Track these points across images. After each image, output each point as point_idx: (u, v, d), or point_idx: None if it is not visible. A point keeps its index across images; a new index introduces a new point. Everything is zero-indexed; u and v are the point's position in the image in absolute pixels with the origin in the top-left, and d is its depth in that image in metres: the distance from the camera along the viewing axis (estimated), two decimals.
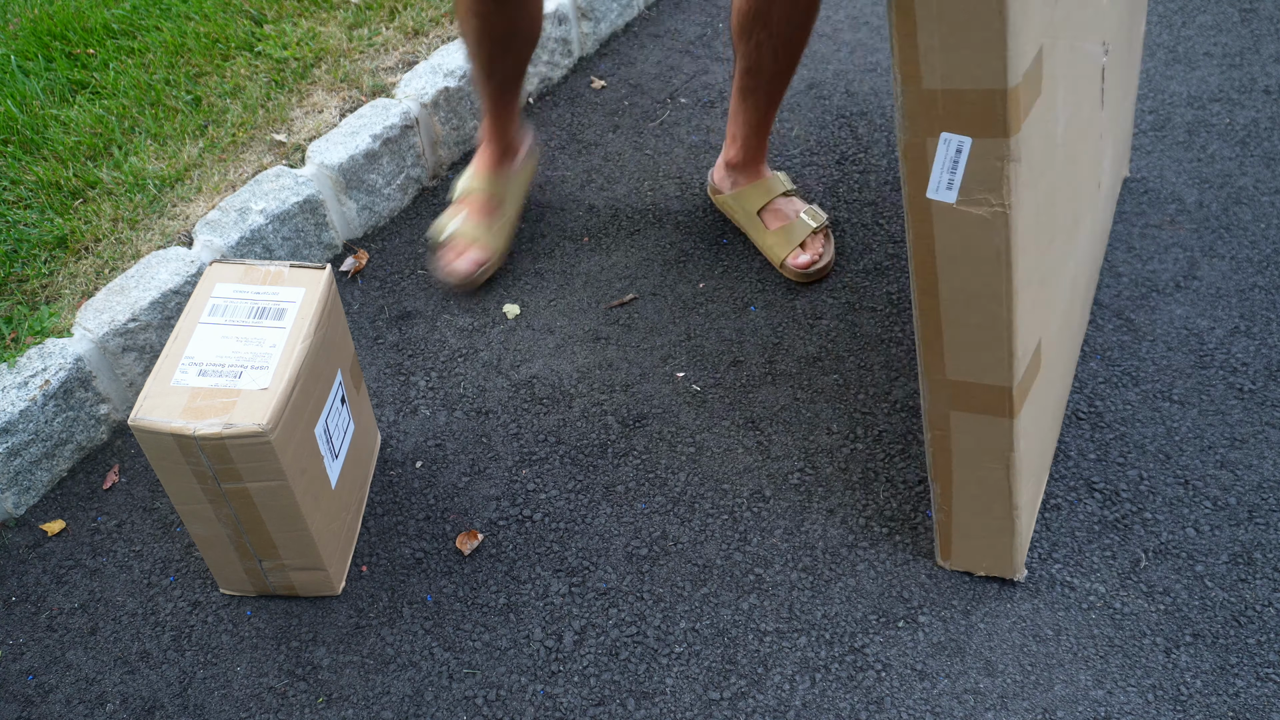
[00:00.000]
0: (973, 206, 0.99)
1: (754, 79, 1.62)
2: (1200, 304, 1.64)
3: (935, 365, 1.14)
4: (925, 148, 0.98)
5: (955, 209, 1.00)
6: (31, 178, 1.70)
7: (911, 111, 0.97)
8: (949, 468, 1.23)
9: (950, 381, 1.14)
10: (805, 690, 1.24)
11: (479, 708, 1.24)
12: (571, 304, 1.70)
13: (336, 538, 1.33)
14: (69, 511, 1.45)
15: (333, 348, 1.28)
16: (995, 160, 0.95)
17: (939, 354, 1.13)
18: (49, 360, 1.44)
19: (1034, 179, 1.01)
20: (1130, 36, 1.46)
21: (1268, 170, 1.85)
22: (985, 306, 1.06)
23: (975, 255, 1.02)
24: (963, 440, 1.19)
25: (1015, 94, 0.92)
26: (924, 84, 0.95)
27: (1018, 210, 0.99)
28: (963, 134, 0.95)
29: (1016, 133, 0.94)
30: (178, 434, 1.12)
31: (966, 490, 1.23)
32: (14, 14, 2.05)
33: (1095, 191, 1.30)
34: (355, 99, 1.88)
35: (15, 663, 1.30)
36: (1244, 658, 1.24)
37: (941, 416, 1.18)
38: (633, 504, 1.43)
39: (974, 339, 1.09)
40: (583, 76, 2.15)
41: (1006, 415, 1.13)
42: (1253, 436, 1.46)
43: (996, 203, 0.97)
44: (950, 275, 1.05)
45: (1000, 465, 1.18)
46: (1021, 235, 1.01)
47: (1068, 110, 1.09)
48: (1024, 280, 1.05)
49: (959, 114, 0.94)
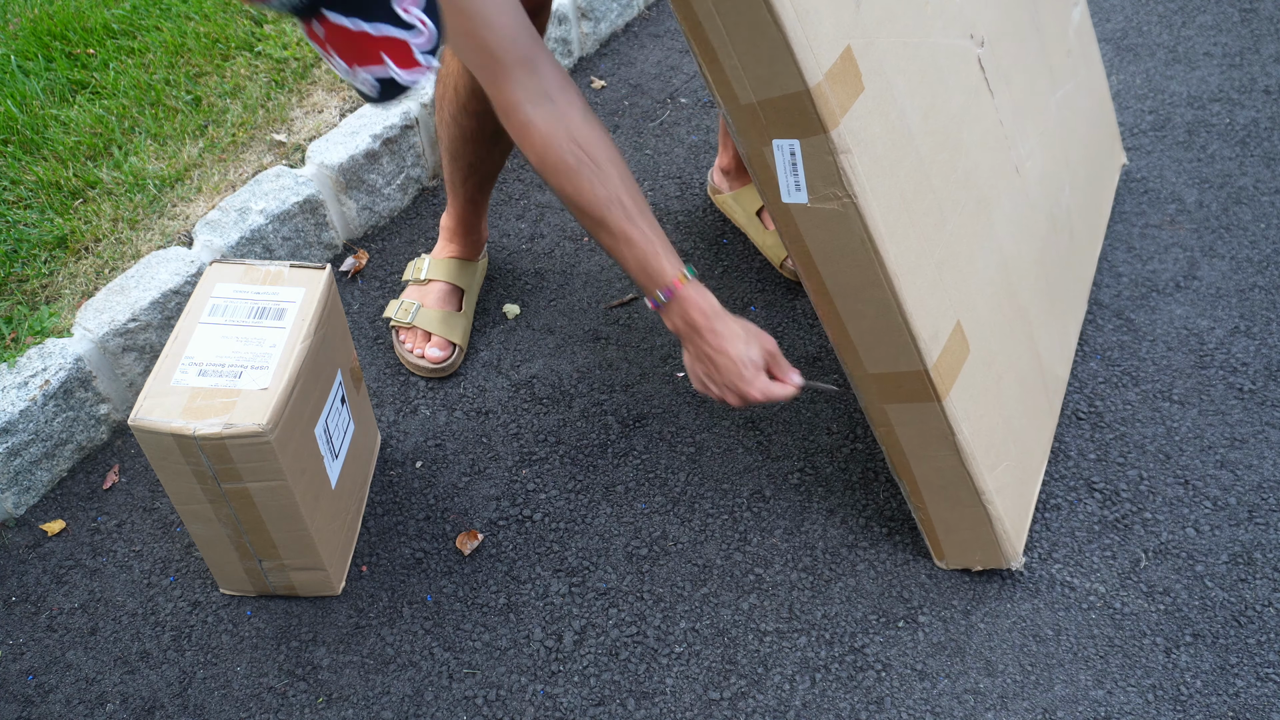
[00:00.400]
0: (824, 203, 1.05)
1: None
2: (1200, 304, 1.64)
3: (853, 361, 1.18)
4: (765, 157, 1.05)
5: (811, 208, 1.06)
6: (31, 178, 1.70)
7: (741, 127, 1.04)
8: (905, 462, 1.24)
9: (871, 375, 1.18)
10: (805, 690, 1.24)
11: (479, 708, 1.24)
12: (571, 304, 1.70)
13: (336, 538, 1.33)
14: (69, 511, 1.45)
15: (333, 348, 1.28)
16: (826, 155, 1.01)
17: (852, 350, 1.17)
18: (49, 360, 1.44)
19: (887, 168, 1.07)
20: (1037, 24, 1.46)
21: (1268, 170, 1.85)
22: (872, 295, 1.10)
23: (843, 248, 1.08)
24: (905, 431, 1.21)
25: (820, 91, 0.99)
26: (740, 100, 1.02)
27: (870, 198, 1.04)
28: (790, 137, 1.02)
29: (836, 127, 0.99)
30: (178, 434, 1.12)
31: (930, 482, 1.25)
32: (14, 14, 2.05)
33: (1013, 175, 1.33)
34: (355, 99, 1.88)
35: (15, 663, 1.30)
36: (1244, 658, 1.24)
37: (879, 411, 1.21)
38: (633, 504, 1.43)
39: (874, 328, 1.13)
40: (583, 76, 2.15)
41: (932, 399, 1.16)
42: (1253, 436, 1.46)
43: (843, 194, 1.03)
44: (831, 271, 1.11)
45: (948, 450, 1.20)
46: (885, 221, 1.06)
47: (921, 101, 1.14)
48: (908, 264, 1.09)
49: (779, 120, 1.01)
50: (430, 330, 1.58)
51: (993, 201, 1.28)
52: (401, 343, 1.61)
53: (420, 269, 1.64)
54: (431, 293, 1.62)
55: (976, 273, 1.23)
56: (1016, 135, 1.35)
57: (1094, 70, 1.69)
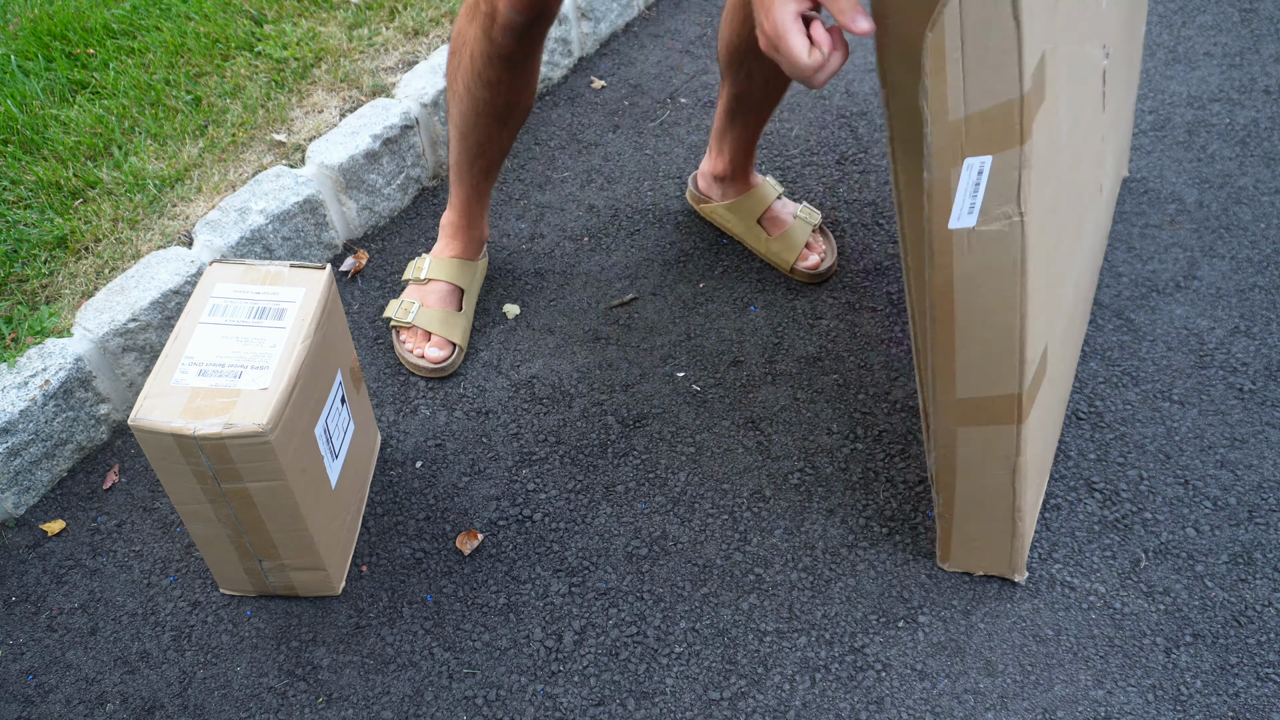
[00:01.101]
0: (991, 224, 1.01)
1: (743, 103, 1.59)
2: (1200, 304, 1.64)
3: (943, 388, 1.15)
4: (949, 180, 1.00)
5: (976, 232, 1.02)
6: (31, 178, 1.70)
7: (939, 147, 0.99)
8: (951, 479, 1.23)
9: (958, 400, 1.15)
10: (805, 690, 1.24)
11: (479, 708, 1.24)
12: (571, 304, 1.70)
13: (336, 538, 1.33)
14: (69, 511, 1.45)
15: (333, 348, 1.28)
16: (1012, 171, 0.97)
17: (948, 377, 1.14)
18: (49, 360, 1.44)
19: (1041, 184, 1.03)
20: (1130, 37, 1.46)
21: (1268, 170, 1.85)
22: (999, 319, 1.07)
23: (993, 271, 1.04)
24: (966, 451, 1.19)
25: (1028, 100, 0.94)
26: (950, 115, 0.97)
27: (1030, 216, 1.01)
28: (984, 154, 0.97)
29: (1029, 139, 0.96)
30: (178, 434, 1.12)
31: (969, 496, 1.24)
32: (14, 14, 2.05)
33: (1097, 194, 1.31)
34: (355, 99, 1.88)
35: (15, 663, 1.30)
36: (1244, 658, 1.24)
37: (949, 434, 1.19)
38: (633, 504, 1.43)
39: (985, 354, 1.10)
40: (583, 76, 2.15)
41: (1015, 421, 1.14)
42: (1253, 436, 1.46)
43: (1014, 213, 1.00)
44: (967, 298, 1.07)
45: (1006, 471, 1.19)
46: (1033, 240, 1.03)
47: (1070, 115, 1.10)
48: (1034, 286, 1.06)
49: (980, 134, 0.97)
50: (430, 330, 1.58)
51: (1084, 221, 1.26)
52: (402, 342, 1.61)
53: (420, 268, 1.63)
54: (431, 292, 1.62)
55: (1064, 295, 1.22)
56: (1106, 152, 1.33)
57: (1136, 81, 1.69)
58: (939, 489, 1.25)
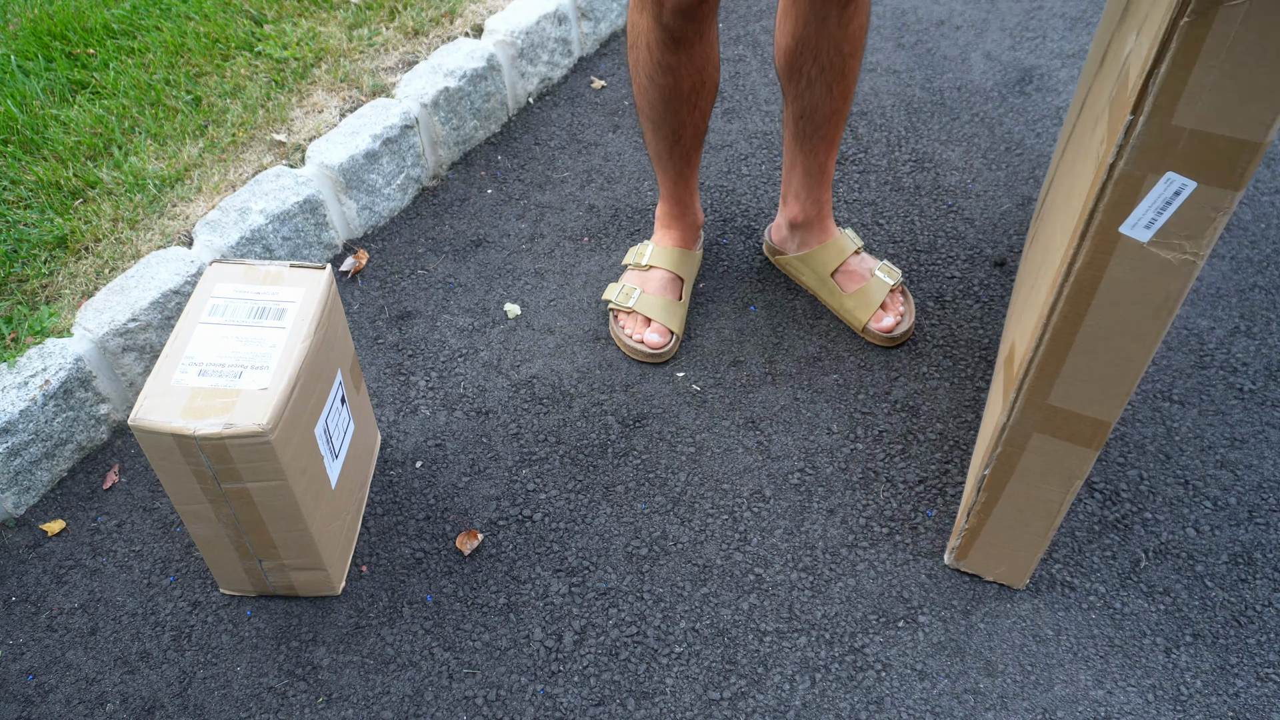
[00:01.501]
0: (1164, 250, 0.96)
1: (809, 123, 1.52)
2: (1200, 304, 1.64)
3: (1040, 389, 1.12)
4: (1142, 182, 0.94)
5: (1144, 248, 0.97)
6: (31, 178, 1.70)
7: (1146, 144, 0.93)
8: (1005, 481, 1.21)
9: (1049, 406, 1.12)
10: (805, 690, 1.24)
11: (479, 708, 1.24)
12: (571, 304, 1.70)
13: (336, 538, 1.33)
14: (69, 511, 1.45)
15: (333, 348, 1.28)
16: (1211, 210, 0.92)
17: (1049, 379, 1.11)
18: (49, 360, 1.44)
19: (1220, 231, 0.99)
20: None
21: (1268, 170, 1.85)
22: (1126, 346, 1.04)
23: (1145, 297, 1.00)
24: (1032, 461, 1.18)
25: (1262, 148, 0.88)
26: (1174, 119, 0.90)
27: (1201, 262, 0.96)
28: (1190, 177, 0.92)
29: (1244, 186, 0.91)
30: (178, 434, 1.12)
31: (1015, 503, 1.22)
32: (14, 14, 2.05)
33: None
34: (355, 99, 1.88)
35: (15, 663, 1.30)
36: (1244, 658, 1.24)
37: (1023, 436, 1.16)
38: (633, 504, 1.43)
39: (1098, 372, 1.07)
40: (583, 76, 2.15)
41: (1094, 446, 1.13)
42: (1253, 436, 1.46)
43: (1192, 251, 0.95)
44: (1105, 310, 1.03)
45: (1063, 489, 1.18)
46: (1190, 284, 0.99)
47: None
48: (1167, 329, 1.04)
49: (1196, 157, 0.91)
50: (651, 315, 1.59)
51: None
52: (620, 327, 1.62)
53: (643, 255, 1.65)
54: (653, 279, 1.63)
55: None
56: None
57: None
58: (987, 486, 1.23)
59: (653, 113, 1.49)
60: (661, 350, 1.58)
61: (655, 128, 1.51)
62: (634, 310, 1.60)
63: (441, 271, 1.77)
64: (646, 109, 1.49)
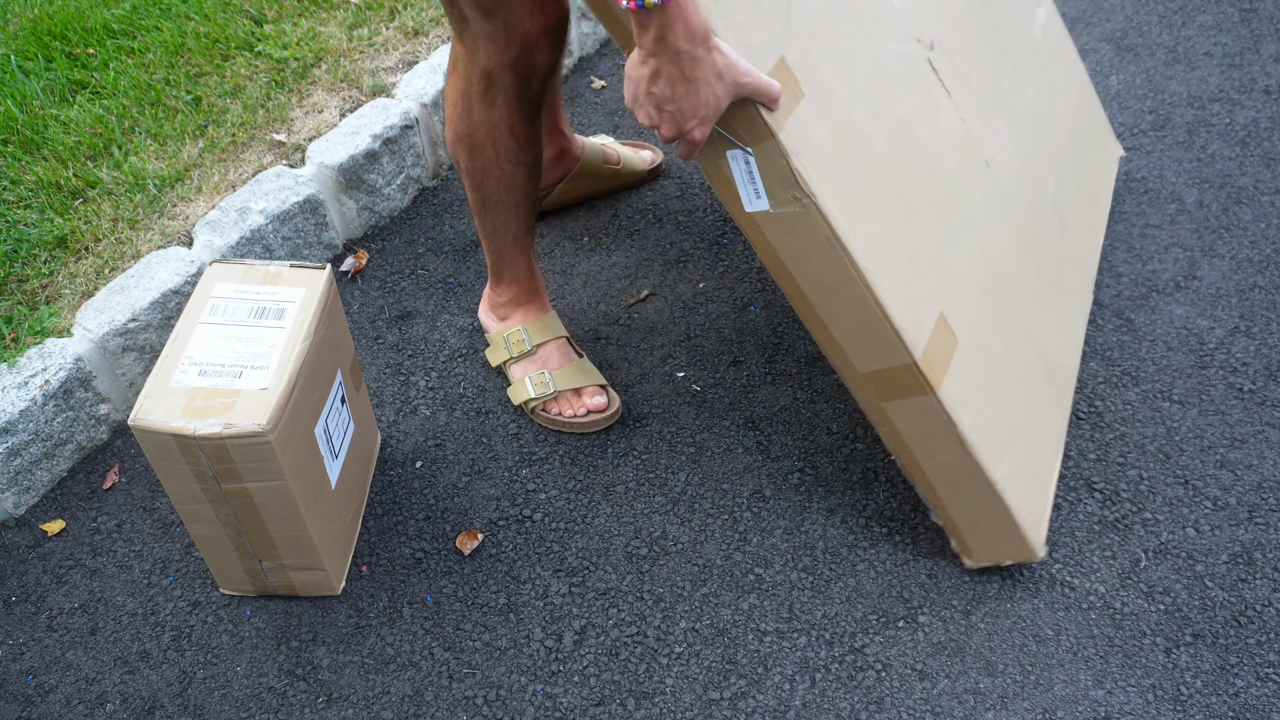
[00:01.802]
0: (785, 206, 1.09)
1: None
2: (1200, 304, 1.64)
3: (844, 364, 1.20)
4: (723, 170, 1.10)
5: (774, 214, 1.10)
6: (31, 178, 1.70)
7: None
8: (914, 460, 1.25)
9: (864, 375, 1.19)
10: (805, 690, 1.24)
11: (479, 708, 1.24)
12: (571, 304, 1.70)
13: (336, 538, 1.33)
14: (69, 511, 1.45)
15: (333, 348, 1.28)
16: (779, 159, 1.05)
17: (840, 351, 1.19)
18: (49, 360, 1.44)
19: (841, 168, 1.10)
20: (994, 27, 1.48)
21: (1268, 170, 1.85)
22: (848, 292, 1.12)
23: (811, 248, 1.11)
24: (908, 429, 1.22)
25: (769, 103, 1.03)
26: None
27: (828, 196, 1.07)
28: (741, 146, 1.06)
29: (781, 131, 1.04)
30: (178, 434, 1.12)
31: (943, 478, 1.25)
32: (14, 14, 2.05)
33: (984, 168, 1.35)
34: (355, 99, 1.88)
35: (15, 663, 1.30)
36: (1244, 658, 1.24)
37: (878, 411, 1.22)
38: (633, 504, 1.43)
39: (856, 326, 1.15)
40: (583, 76, 2.16)
41: (927, 391, 1.17)
42: (1253, 436, 1.46)
43: (802, 195, 1.07)
44: (804, 274, 1.13)
45: (953, 442, 1.20)
46: (846, 218, 1.09)
47: (869, 103, 1.17)
48: (877, 258, 1.12)
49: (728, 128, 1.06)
50: (576, 386, 1.51)
51: (964, 195, 1.30)
52: (557, 414, 1.51)
53: (520, 342, 1.53)
54: (550, 355, 1.54)
55: (954, 264, 1.25)
56: (983, 131, 1.38)
57: (1070, 67, 1.71)
58: (911, 473, 1.27)
59: (514, 196, 1.41)
60: (611, 410, 1.51)
61: (514, 210, 1.43)
62: (560, 391, 1.51)
63: (441, 271, 1.77)
64: (506, 196, 1.41)
